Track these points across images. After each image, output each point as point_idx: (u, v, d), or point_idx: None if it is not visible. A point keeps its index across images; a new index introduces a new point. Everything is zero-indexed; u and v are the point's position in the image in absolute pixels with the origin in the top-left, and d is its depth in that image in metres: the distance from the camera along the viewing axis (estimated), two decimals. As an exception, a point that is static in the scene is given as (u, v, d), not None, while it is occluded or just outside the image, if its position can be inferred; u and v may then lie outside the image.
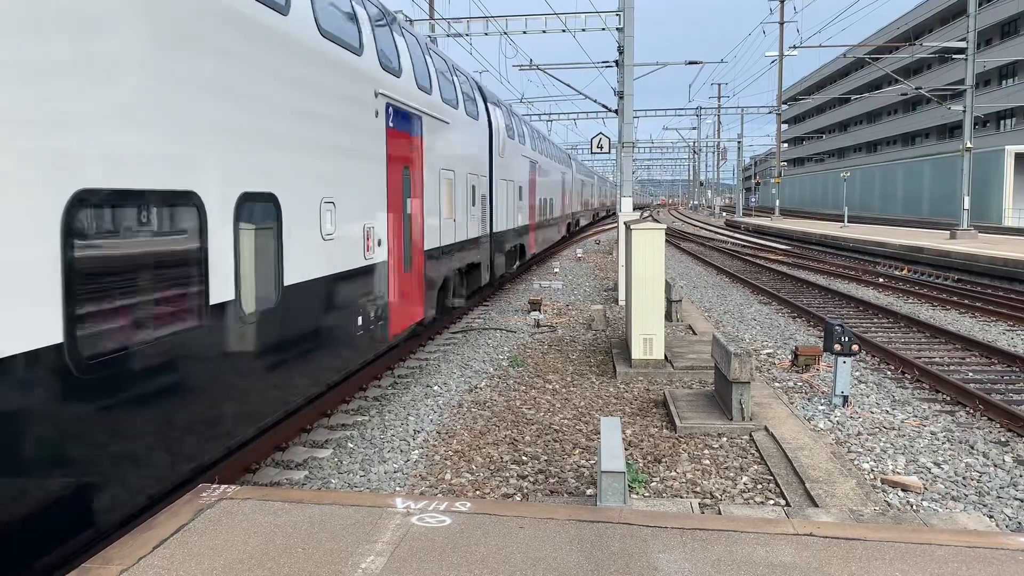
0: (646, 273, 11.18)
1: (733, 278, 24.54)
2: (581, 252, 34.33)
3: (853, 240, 34.77)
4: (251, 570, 4.12)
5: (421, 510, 4.95)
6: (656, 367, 11.07)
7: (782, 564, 4.26)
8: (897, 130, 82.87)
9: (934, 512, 6.37)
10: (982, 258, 23.88)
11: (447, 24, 23.33)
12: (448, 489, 6.98)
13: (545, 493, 6.84)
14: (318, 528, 4.66)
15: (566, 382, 10.81)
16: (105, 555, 4.28)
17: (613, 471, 5.50)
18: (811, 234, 40.69)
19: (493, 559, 4.29)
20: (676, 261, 31.27)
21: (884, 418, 9.01)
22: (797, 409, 9.26)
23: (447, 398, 10.01)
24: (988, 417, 9.05)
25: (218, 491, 5.23)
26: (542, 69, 25.69)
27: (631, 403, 9.65)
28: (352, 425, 8.92)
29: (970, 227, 33.22)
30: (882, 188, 69.53)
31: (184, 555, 4.29)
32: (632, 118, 19.54)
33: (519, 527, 4.72)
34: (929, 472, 7.35)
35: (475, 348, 13.29)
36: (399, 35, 10.66)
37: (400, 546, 4.42)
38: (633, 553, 4.39)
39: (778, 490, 6.75)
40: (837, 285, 22.24)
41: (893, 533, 4.71)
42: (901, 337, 14.18)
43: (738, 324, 16.00)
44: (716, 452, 7.74)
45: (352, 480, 7.25)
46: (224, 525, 4.69)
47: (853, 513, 5.99)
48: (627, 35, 19.15)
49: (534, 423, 8.88)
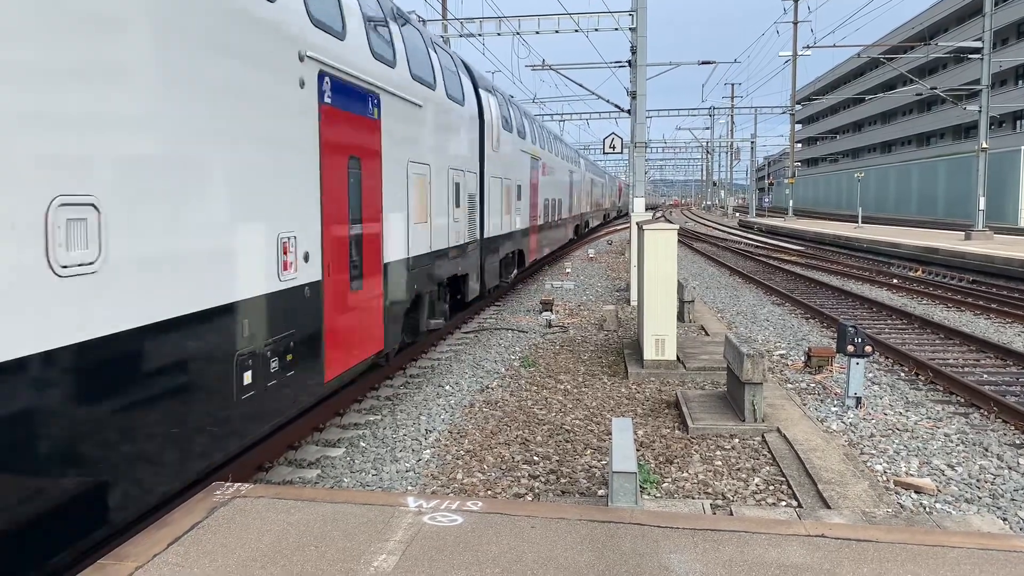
0: (658, 273, 11.17)
1: (746, 279, 24.47)
2: (593, 252, 34.31)
3: (867, 241, 34.58)
4: (264, 567, 4.16)
5: (433, 509, 4.97)
6: (668, 368, 11.05)
7: (794, 565, 4.25)
8: (912, 130, 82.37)
9: (947, 514, 6.34)
10: (998, 259, 23.71)
11: (460, 24, 23.37)
12: (460, 489, 7.00)
13: (556, 493, 6.85)
14: (331, 526, 4.68)
15: (578, 382, 10.81)
16: (120, 552, 4.33)
17: (625, 471, 5.51)
18: (824, 235, 40.50)
19: (505, 558, 4.30)
20: (689, 261, 31.19)
21: (897, 420, 8.97)
22: (810, 410, 9.23)
23: (459, 398, 10.04)
24: (1003, 419, 8.99)
25: (232, 489, 5.27)
26: (555, 69, 25.70)
27: (643, 404, 9.65)
28: (364, 424, 8.96)
29: (985, 228, 32.97)
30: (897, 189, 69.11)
31: (198, 552, 4.33)
32: (645, 118, 19.53)
33: (531, 527, 4.73)
34: (943, 474, 7.31)
35: (487, 348, 13.31)
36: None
37: (412, 544, 4.44)
38: (644, 553, 4.40)
39: (790, 491, 6.74)
40: (851, 286, 22.14)
41: (906, 535, 4.69)
42: (915, 338, 14.10)
43: (751, 325, 15.96)
44: (728, 453, 7.73)
45: (364, 479, 7.29)
46: (238, 523, 4.72)
47: (866, 515, 5.97)
48: (640, 35, 19.14)
49: (546, 423, 8.89)
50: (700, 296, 20.22)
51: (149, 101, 4.74)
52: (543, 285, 22.86)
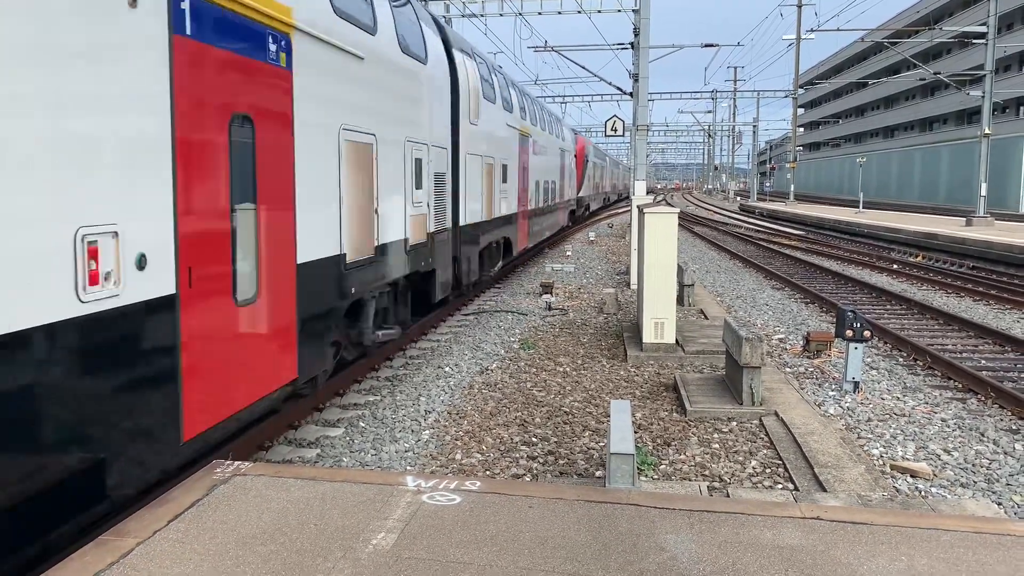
0: (658, 257, 11.17)
1: (746, 263, 24.47)
2: (594, 235, 34.29)
3: (867, 226, 34.55)
4: (264, 544, 4.19)
5: (432, 488, 5.00)
6: (667, 351, 11.09)
7: (789, 547, 4.29)
8: (915, 115, 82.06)
9: (942, 498, 6.38)
10: (998, 245, 23.70)
11: (462, 4, 23.24)
12: (458, 469, 7.05)
13: (555, 474, 6.89)
14: (330, 505, 4.72)
15: (577, 365, 10.85)
16: (121, 528, 4.37)
17: (622, 453, 5.54)
18: (825, 219, 40.46)
19: (502, 537, 4.34)
20: (689, 245, 31.18)
21: (895, 404, 9.00)
22: (808, 394, 9.27)
23: (458, 379, 10.07)
24: (1000, 405, 9.03)
25: (232, 467, 5.31)
26: (557, 50, 25.59)
27: (641, 386, 9.68)
28: (364, 405, 9.00)
29: (986, 214, 32.94)
30: (898, 174, 68.98)
31: (198, 529, 4.37)
32: (647, 101, 19.44)
33: (528, 507, 4.77)
34: (939, 459, 7.36)
35: (486, 330, 13.34)
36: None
37: (411, 523, 4.48)
38: (641, 533, 4.43)
39: (787, 474, 6.78)
40: (851, 271, 22.15)
41: (900, 518, 4.73)
42: (914, 324, 14.13)
43: (750, 309, 15.98)
44: (726, 436, 7.77)
45: (363, 459, 7.33)
46: (238, 500, 4.76)
47: (861, 498, 6.01)
48: (643, 17, 19.03)
49: (544, 405, 8.93)
50: (700, 280, 20.23)
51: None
52: (543, 268, 22.87)
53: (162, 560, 4.01)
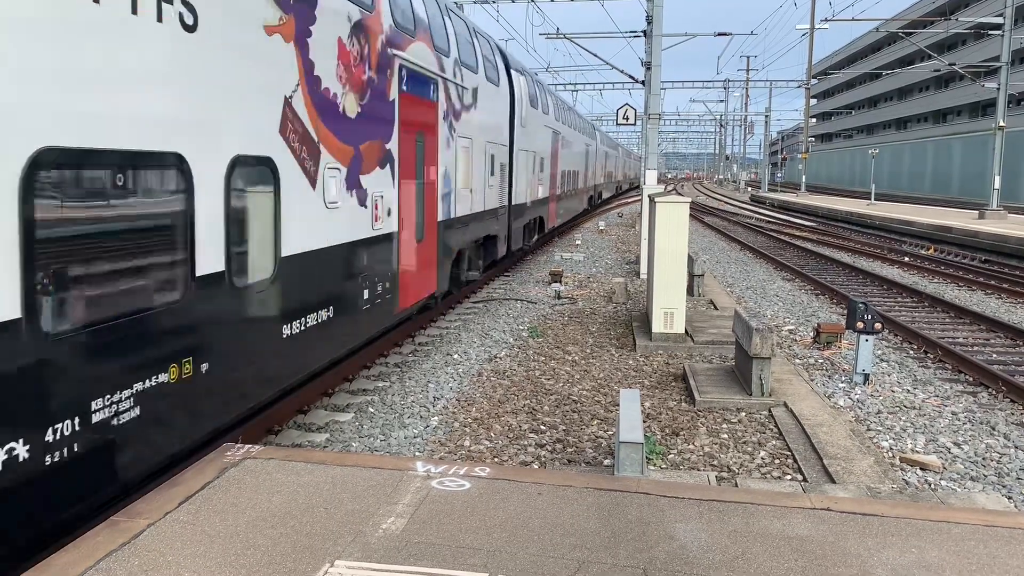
0: (669, 247, 11.13)
1: (757, 253, 24.37)
2: (603, 225, 34.19)
3: (879, 218, 34.36)
4: (274, 527, 4.21)
5: (441, 474, 5.01)
6: (676, 341, 11.06)
7: (798, 537, 4.28)
8: (928, 107, 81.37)
9: (952, 492, 6.36)
10: (1011, 239, 23.53)
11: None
12: (467, 455, 7.06)
13: (563, 462, 6.90)
14: (340, 489, 4.74)
15: (585, 354, 10.84)
16: (133, 509, 4.39)
17: (631, 442, 5.54)
18: (837, 211, 40.25)
19: (512, 523, 4.35)
20: (699, 235, 31.07)
21: (905, 397, 8.97)
22: (817, 386, 9.24)
23: (467, 366, 10.08)
24: (1011, 399, 8.98)
25: (242, 451, 5.33)
26: (569, 38, 25.44)
27: (650, 376, 9.67)
28: (373, 390, 9.01)
29: (1000, 207, 32.69)
30: (911, 166, 68.51)
31: (209, 511, 4.39)
32: (659, 89, 19.32)
33: (537, 493, 4.77)
34: (949, 452, 7.33)
35: (495, 318, 13.34)
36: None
37: (420, 508, 4.49)
38: (650, 522, 4.43)
39: (796, 466, 6.77)
40: (862, 263, 22.03)
41: (910, 510, 4.71)
42: (925, 316, 14.05)
43: (760, 300, 15.93)
44: (734, 427, 7.76)
45: (372, 444, 7.35)
46: (248, 484, 4.78)
47: (871, 490, 5.99)
48: (656, 5, 18.89)
49: (553, 393, 8.93)
50: (710, 270, 20.16)
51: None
52: (552, 257, 22.83)
53: (172, 541, 4.03)
